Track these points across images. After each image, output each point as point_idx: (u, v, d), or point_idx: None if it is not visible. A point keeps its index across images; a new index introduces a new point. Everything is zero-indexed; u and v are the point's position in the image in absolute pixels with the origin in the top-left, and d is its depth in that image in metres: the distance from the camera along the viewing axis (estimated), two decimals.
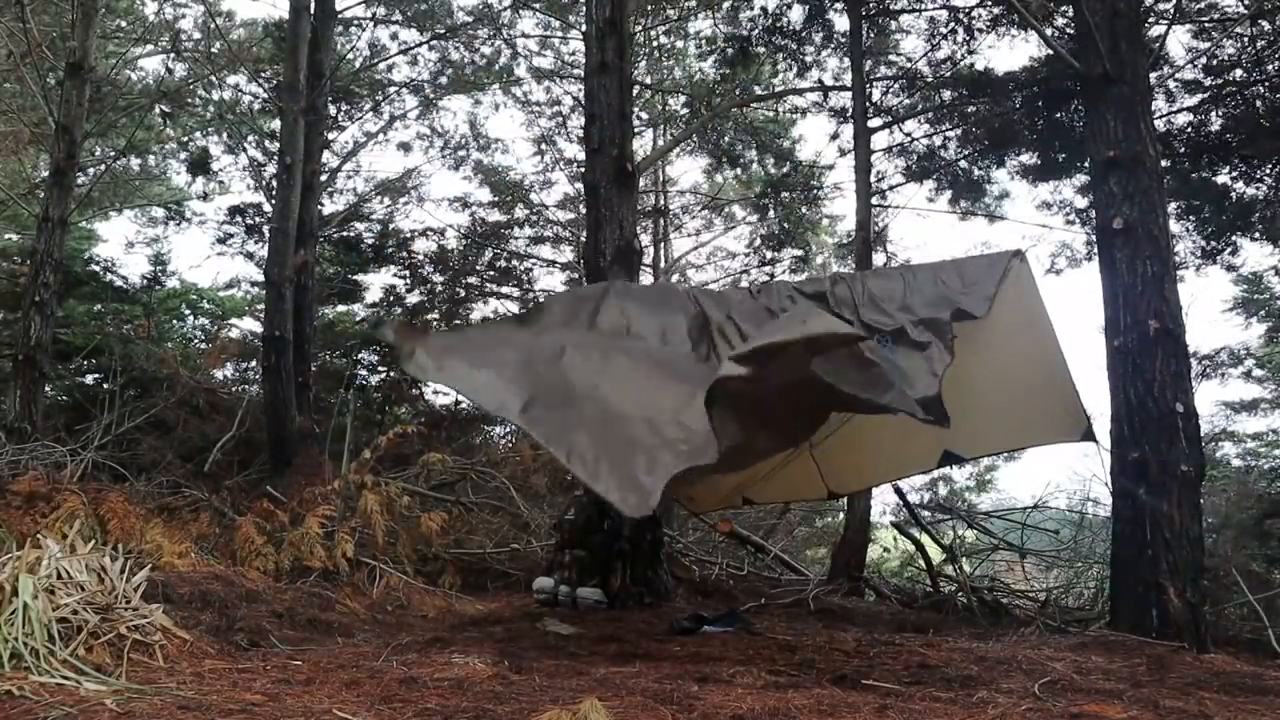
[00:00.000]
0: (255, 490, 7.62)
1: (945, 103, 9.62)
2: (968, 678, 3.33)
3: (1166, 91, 8.78)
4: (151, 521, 5.59)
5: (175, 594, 3.95)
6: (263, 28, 13.39)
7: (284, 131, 9.90)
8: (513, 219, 16.04)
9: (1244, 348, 12.28)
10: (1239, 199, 8.94)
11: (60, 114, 9.41)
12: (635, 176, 7.39)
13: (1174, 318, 5.50)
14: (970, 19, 9.20)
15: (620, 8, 6.91)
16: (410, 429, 7.90)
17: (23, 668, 2.76)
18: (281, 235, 9.34)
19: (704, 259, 18.12)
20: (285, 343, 9.09)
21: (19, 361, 8.67)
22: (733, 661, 3.65)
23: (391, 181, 15.38)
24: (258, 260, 14.22)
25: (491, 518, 8.18)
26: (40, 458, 7.10)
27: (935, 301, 4.74)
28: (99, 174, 13.54)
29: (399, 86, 14.63)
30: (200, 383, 10.67)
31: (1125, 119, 5.75)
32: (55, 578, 3.21)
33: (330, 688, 2.92)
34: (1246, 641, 5.58)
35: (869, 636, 4.81)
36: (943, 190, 10.31)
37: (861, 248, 8.84)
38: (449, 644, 4.07)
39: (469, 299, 14.99)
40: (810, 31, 10.21)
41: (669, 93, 14.64)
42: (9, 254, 12.74)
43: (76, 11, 9.59)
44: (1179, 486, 5.24)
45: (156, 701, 2.59)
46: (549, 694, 2.96)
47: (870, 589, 7.51)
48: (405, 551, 6.41)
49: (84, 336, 10.87)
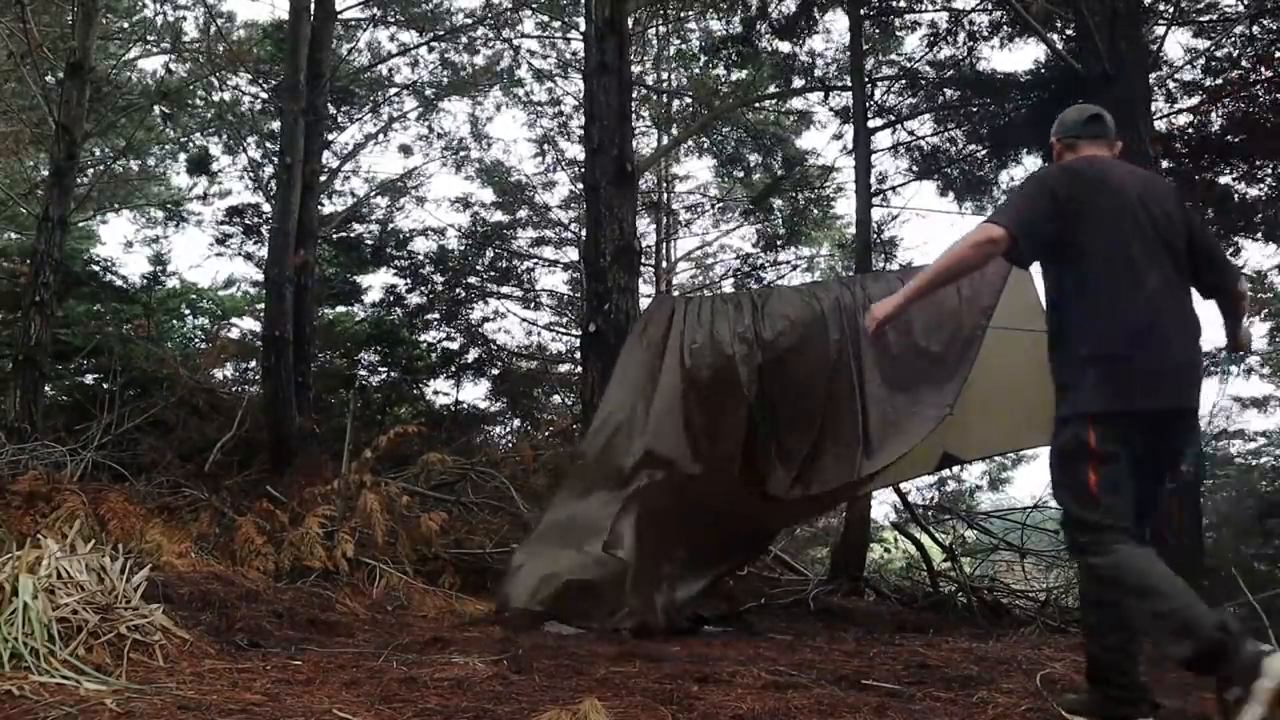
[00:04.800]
0: (255, 490, 7.60)
1: (948, 101, 9.62)
2: (968, 678, 3.33)
3: (1167, 92, 8.79)
4: (151, 521, 5.58)
5: (175, 594, 3.95)
6: (263, 29, 13.39)
7: (284, 132, 9.90)
8: (515, 219, 16.05)
9: None
10: (1240, 199, 8.94)
11: (60, 114, 9.42)
12: (635, 176, 7.40)
13: None
14: (971, 22, 9.21)
15: (620, 8, 6.91)
16: (410, 429, 7.90)
17: (23, 668, 2.75)
18: (281, 235, 9.33)
19: (708, 258, 18.17)
20: (285, 343, 9.08)
21: (19, 361, 8.68)
22: (733, 661, 3.65)
23: (392, 182, 15.39)
24: (257, 260, 14.23)
25: (491, 518, 8.17)
26: (40, 458, 7.10)
27: (941, 322, 4.80)
28: (99, 174, 13.55)
29: (399, 88, 14.65)
30: (200, 383, 10.66)
31: (1125, 119, 5.74)
32: (55, 578, 3.21)
33: (330, 688, 2.92)
34: None
35: (869, 636, 4.81)
36: (946, 190, 10.30)
37: (861, 248, 8.85)
38: (449, 644, 4.07)
39: (469, 299, 14.99)
40: (810, 31, 10.20)
41: (670, 93, 14.65)
42: (9, 254, 12.74)
43: (76, 11, 9.61)
44: (1179, 486, 5.24)
45: (156, 701, 2.59)
46: (549, 694, 2.96)
47: (870, 589, 7.51)
48: (405, 551, 6.40)
49: (84, 336, 10.86)
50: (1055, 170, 2.90)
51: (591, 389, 6.26)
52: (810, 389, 5.05)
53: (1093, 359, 2.63)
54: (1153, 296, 2.63)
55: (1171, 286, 2.68)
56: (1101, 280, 2.66)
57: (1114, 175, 2.79)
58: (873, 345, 4.96)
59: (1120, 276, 2.64)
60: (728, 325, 5.26)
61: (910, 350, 4.94)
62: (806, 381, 5.08)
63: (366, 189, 15.43)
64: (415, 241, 14.84)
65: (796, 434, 5.04)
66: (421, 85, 14.56)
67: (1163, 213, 2.74)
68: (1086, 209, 2.69)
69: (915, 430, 4.77)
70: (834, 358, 5.03)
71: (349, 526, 6.15)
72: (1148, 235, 2.68)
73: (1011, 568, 8.51)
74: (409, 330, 14.17)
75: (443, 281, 14.71)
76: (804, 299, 5.30)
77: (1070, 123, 2.97)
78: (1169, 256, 2.70)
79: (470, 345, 14.70)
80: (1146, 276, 2.64)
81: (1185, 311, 2.71)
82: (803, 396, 5.07)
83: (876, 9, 9.62)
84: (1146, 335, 2.59)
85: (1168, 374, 2.61)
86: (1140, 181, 2.84)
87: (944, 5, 9.40)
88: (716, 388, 5.10)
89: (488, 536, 7.65)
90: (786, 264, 15.39)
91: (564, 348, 15.91)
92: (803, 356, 5.11)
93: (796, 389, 5.09)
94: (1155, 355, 2.59)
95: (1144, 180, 2.88)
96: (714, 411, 5.07)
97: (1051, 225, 2.70)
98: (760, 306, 5.26)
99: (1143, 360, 2.58)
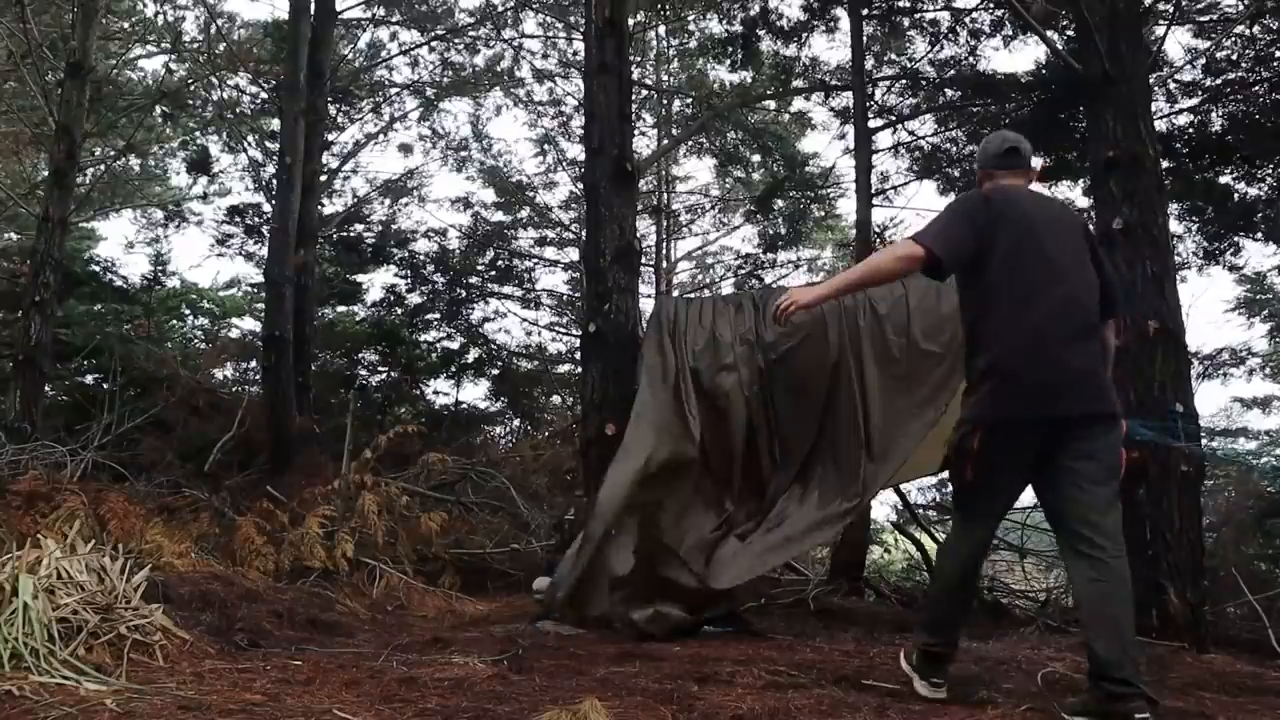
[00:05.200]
0: (255, 490, 7.61)
1: (949, 101, 9.60)
2: (968, 678, 3.33)
3: (1167, 92, 8.77)
4: (151, 521, 5.59)
5: (175, 594, 3.95)
6: (263, 28, 13.39)
7: (284, 131, 9.90)
8: (516, 219, 16.04)
9: (1246, 348, 12.26)
10: (1241, 199, 8.93)
11: (60, 114, 9.42)
12: (635, 177, 7.39)
13: (1174, 318, 5.49)
14: (972, 20, 9.20)
15: (620, 7, 6.90)
16: (410, 429, 7.90)
17: (23, 668, 2.76)
18: (281, 235, 9.34)
19: (708, 258, 18.16)
20: (285, 343, 9.09)
21: (19, 361, 8.68)
22: (733, 661, 3.65)
23: (392, 182, 15.39)
24: (257, 260, 14.23)
25: (491, 518, 8.18)
26: (40, 458, 7.09)
27: (941, 324, 4.80)
28: (99, 174, 13.54)
29: (399, 88, 14.65)
30: (200, 383, 10.66)
31: (1125, 119, 5.74)
32: (55, 578, 3.21)
33: (330, 688, 2.92)
34: (1246, 641, 5.57)
35: (869, 636, 4.82)
36: (946, 190, 10.29)
37: (862, 248, 8.83)
38: (449, 644, 4.07)
39: (470, 299, 14.99)
40: (812, 30, 10.19)
41: (671, 93, 14.64)
42: (9, 254, 12.74)
43: (76, 11, 9.61)
44: (1179, 487, 5.23)
45: (156, 701, 2.59)
46: (549, 694, 2.96)
47: (870, 589, 7.51)
48: (405, 551, 6.41)
49: (84, 336, 10.85)
50: (974, 197, 3.19)
51: (591, 389, 6.25)
52: (811, 390, 5.06)
53: (988, 371, 2.93)
54: (1049, 315, 2.89)
55: (1071, 307, 2.93)
56: (1004, 300, 2.94)
57: (1024, 204, 3.08)
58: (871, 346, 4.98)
59: (1020, 297, 2.92)
60: (729, 326, 5.26)
61: (911, 351, 4.95)
62: (808, 383, 5.08)
63: (367, 189, 15.46)
64: (416, 241, 14.87)
65: (798, 435, 5.05)
66: (422, 85, 14.57)
67: (1067, 240, 3.04)
68: (998, 235, 2.98)
69: (916, 432, 4.77)
70: (835, 358, 5.04)
71: (349, 527, 6.15)
72: (1050, 260, 2.95)
73: (1012, 568, 8.50)
74: (409, 330, 14.17)
75: (443, 281, 14.71)
76: None
77: (989, 154, 3.27)
78: (1071, 279, 2.97)
79: (470, 345, 14.70)
80: (1045, 298, 2.91)
81: (1086, 328, 2.95)
82: (804, 397, 5.07)
83: (880, 10, 9.60)
84: (1039, 351, 2.86)
85: (1062, 385, 2.86)
86: (1047, 211, 3.13)
87: (945, 5, 9.39)
88: (718, 389, 5.11)
89: (488, 536, 7.66)
90: (787, 264, 15.43)
91: (564, 348, 15.92)
92: (804, 358, 5.12)
93: (798, 390, 5.10)
94: (1046, 369, 2.86)
95: (1051, 210, 3.19)
96: (715, 413, 5.07)
97: (968, 248, 3.00)
98: (762, 308, 5.26)
99: (1032, 374, 2.86)
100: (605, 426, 5.89)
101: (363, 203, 15.32)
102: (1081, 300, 2.97)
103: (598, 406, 6.11)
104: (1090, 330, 2.96)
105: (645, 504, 4.81)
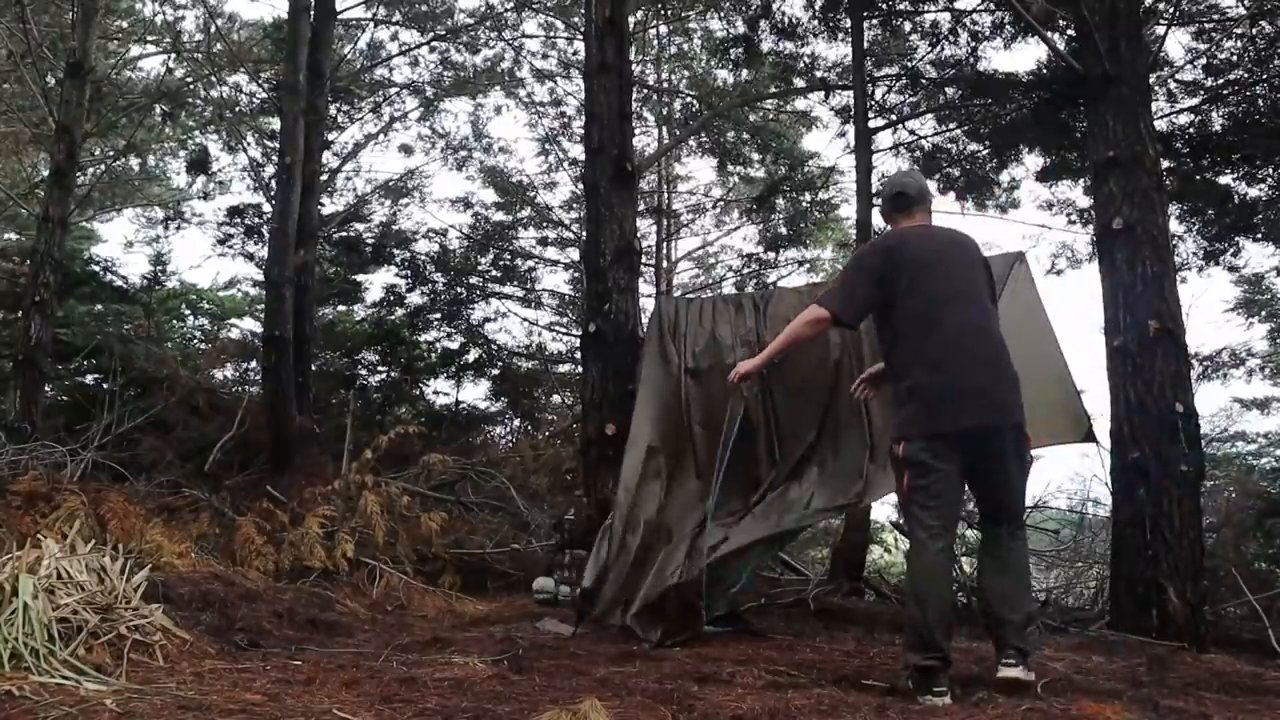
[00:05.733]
0: (255, 490, 7.60)
1: (949, 101, 9.60)
2: (968, 678, 3.33)
3: (1167, 92, 8.76)
4: (151, 521, 5.58)
5: (175, 594, 3.95)
6: (263, 28, 13.39)
7: (284, 131, 9.89)
8: (517, 219, 16.04)
9: (1246, 348, 12.26)
10: (1241, 200, 8.93)
11: (60, 114, 9.42)
12: (635, 176, 7.39)
13: (1174, 318, 5.49)
14: (973, 21, 9.19)
15: (620, 7, 6.89)
16: (410, 429, 7.90)
17: (23, 668, 2.76)
18: (281, 235, 9.33)
19: (709, 258, 18.15)
20: (285, 343, 9.08)
21: (19, 361, 8.69)
22: (733, 661, 3.65)
23: (392, 182, 15.38)
24: (258, 261, 14.20)
25: (491, 518, 8.18)
26: (40, 458, 7.09)
27: None
28: (99, 174, 13.55)
29: (399, 88, 14.63)
30: (200, 383, 10.64)
31: (1125, 119, 5.74)
32: (55, 578, 3.21)
33: (330, 688, 2.92)
34: (1246, 641, 5.57)
35: (869, 636, 4.82)
36: (947, 190, 10.29)
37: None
38: (449, 644, 4.07)
39: (470, 299, 14.99)
40: (812, 30, 10.18)
41: (671, 93, 14.64)
42: (9, 254, 12.73)
43: (76, 11, 9.61)
44: (1179, 486, 5.23)
45: (156, 701, 2.59)
46: (549, 694, 2.96)
47: (870, 589, 7.50)
48: (405, 551, 6.41)
49: (84, 336, 10.85)
50: (869, 248, 3.65)
51: (591, 389, 6.25)
52: (812, 390, 5.05)
53: (909, 392, 3.25)
54: (954, 338, 3.21)
55: (972, 328, 3.26)
56: (913, 329, 3.27)
57: (914, 246, 3.39)
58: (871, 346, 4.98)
59: (926, 324, 3.24)
60: (729, 327, 5.26)
61: None
62: (808, 383, 5.07)
63: (367, 189, 15.45)
64: (416, 241, 14.86)
65: (798, 436, 5.04)
66: (422, 85, 14.56)
67: (959, 269, 3.36)
68: (898, 274, 3.31)
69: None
70: (835, 359, 5.03)
71: (349, 527, 6.15)
72: (949, 287, 3.29)
73: None
74: (409, 330, 14.16)
75: (443, 281, 14.70)
76: (805, 300, 5.29)
77: (884, 201, 3.65)
78: (970, 301, 3.30)
79: (470, 345, 14.70)
80: (948, 322, 3.23)
81: (990, 344, 3.26)
82: (804, 398, 5.06)
83: (881, 11, 9.59)
84: (946, 370, 3.19)
85: (969, 399, 3.16)
86: (942, 242, 3.45)
87: (946, 5, 9.38)
88: (718, 389, 5.10)
89: (488, 536, 7.66)
90: (788, 265, 15.42)
91: (564, 348, 15.90)
92: (804, 358, 5.11)
93: (798, 390, 5.09)
94: (954, 387, 3.18)
95: (946, 240, 3.48)
96: (716, 413, 5.07)
97: (870, 301, 3.38)
98: (762, 308, 5.26)
99: (943, 392, 3.18)
100: (605, 426, 5.90)
101: (363, 203, 15.31)
102: (978, 323, 3.27)
103: (598, 406, 6.11)
104: (989, 347, 3.25)
105: (647, 503, 4.81)
